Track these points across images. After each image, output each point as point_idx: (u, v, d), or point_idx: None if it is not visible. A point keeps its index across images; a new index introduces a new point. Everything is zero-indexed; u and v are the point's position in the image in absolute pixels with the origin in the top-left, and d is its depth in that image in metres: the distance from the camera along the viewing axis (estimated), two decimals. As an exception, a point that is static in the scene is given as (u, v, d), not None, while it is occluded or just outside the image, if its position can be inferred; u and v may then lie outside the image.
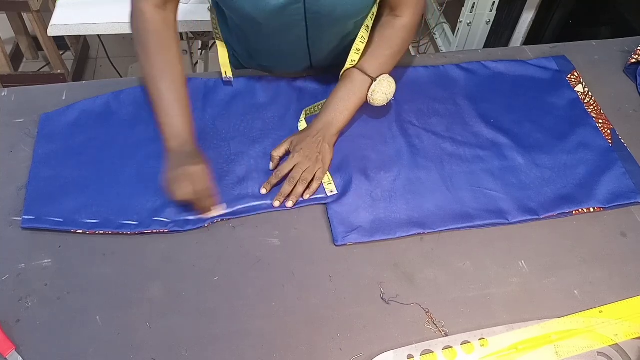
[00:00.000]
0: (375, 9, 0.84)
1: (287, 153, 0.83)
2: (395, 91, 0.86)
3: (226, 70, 0.93)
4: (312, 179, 0.80)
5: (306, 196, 0.79)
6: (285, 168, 0.80)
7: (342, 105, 0.84)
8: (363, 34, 0.85)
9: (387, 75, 0.85)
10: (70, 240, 0.74)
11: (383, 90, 0.84)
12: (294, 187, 0.79)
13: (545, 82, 0.99)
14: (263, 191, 0.80)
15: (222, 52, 0.94)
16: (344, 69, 0.86)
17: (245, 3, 0.76)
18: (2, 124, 0.87)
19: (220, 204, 0.77)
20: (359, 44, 0.85)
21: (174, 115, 0.78)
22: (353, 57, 0.85)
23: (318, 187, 0.81)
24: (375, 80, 0.83)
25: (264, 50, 0.92)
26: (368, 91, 0.84)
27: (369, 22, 0.84)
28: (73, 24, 1.39)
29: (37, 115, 0.87)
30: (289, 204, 0.79)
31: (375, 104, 0.85)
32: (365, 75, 0.84)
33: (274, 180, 0.80)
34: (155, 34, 0.78)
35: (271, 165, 0.83)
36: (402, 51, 0.88)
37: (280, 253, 0.75)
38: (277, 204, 0.79)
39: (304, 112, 0.90)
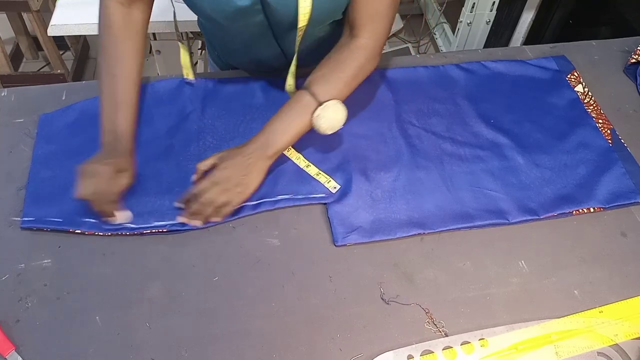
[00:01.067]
0: None
1: (214, 168, 0.77)
2: (346, 120, 0.78)
3: (187, 72, 0.92)
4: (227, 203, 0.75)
5: (214, 220, 0.75)
6: (201, 187, 0.74)
7: (282, 126, 0.77)
8: (294, 61, 0.83)
9: (337, 102, 0.77)
10: (70, 240, 0.74)
11: (328, 117, 0.76)
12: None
13: (545, 82, 0.99)
14: (176, 205, 0.76)
15: (184, 54, 0.92)
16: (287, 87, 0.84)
17: (206, 5, 0.75)
18: (2, 124, 0.87)
19: (124, 212, 0.74)
20: (292, 67, 0.84)
21: (113, 110, 0.77)
22: (289, 81, 0.85)
23: (229, 213, 0.75)
24: (321, 104, 0.76)
25: (238, 51, 0.91)
26: (312, 116, 0.77)
27: (297, 44, 0.80)
28: (73, 24, 1.39)
29: (37, 115, 0.87)
30: (197, 223, 0.74)
31: (320, 131, 0.77)
32: (313, 98, 0.76)
33: (187, 196, 0.75)
34: (111, 29, 0.77)
35: (194, 177, 0.78)
36: (358, 76, 0.79)
37: (280, 253, 0.75)
38: (180, 219, 0.74)
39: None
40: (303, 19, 0.75)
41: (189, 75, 0.92)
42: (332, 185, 0.81)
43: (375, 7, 0.76)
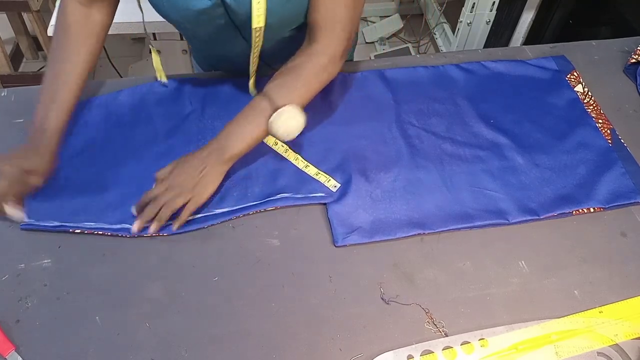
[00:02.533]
0: None
1: None
2: (304, 127, 0.75)
3: (160, 75, 0.91)
4: (183, 208, 0.73)
5: (174, 227, 0.73)
6: (156, 191, 0.73)
7: (238, 131, 0.75)
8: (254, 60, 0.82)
9: (293, 107, 0.74)
10: (70, 240, 0.74)
11: (282, 123, 0.73)
12: (159, 210, 0.72)
13: (545, 82, 0.99)
14: (133, 210, 0.74)
15: (155, 58, 0.91)
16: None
17: (169, 9, 0.74)
18: (2, 124, 0.87)
19: (17, 210, 0.73)
20: (253, 68, 0.83)
21: (47, 108, 0.76)
22: (250, 83, 0.84)
23: (186, 219, 0.73)
24: (278, 108, 0.73)
25: (214, 53, 0.91)
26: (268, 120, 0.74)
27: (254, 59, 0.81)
28: (73, 24, 1.38)
29: (37, 115, 0.87)
30: (152, 228, 0.72)
31: (277, 137, 0.75)
32: (269, 103, 0.74)
33: (142, 202, 0.74)
34: (67, 29, 0.77)
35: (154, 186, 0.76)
36: (314, 83, 0.77)
37: (280, 253, 0.75)
38: (135, 228, 0.72)
39: None
40: (258, 20, 0.73)
41: (162, 77, 0.91)
42: (332, 184, 0.81)
43: (333, 11, 0.74)
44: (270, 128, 0.74)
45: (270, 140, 0.86)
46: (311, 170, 0.83)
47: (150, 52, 0.89)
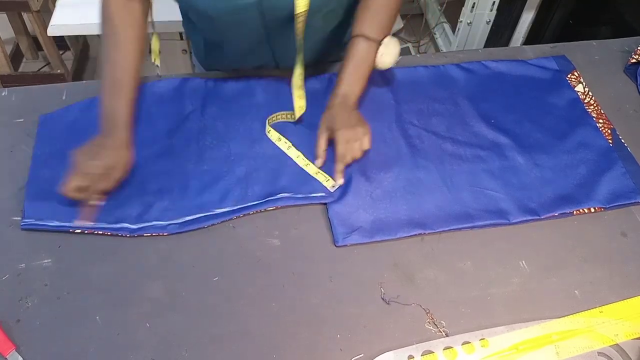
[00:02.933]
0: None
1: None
2: (398, 58, 0.86)
3: (155, 58, 0.92)
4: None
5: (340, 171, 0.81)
6: (342, 149, 0.80)
7: (354, 75, 0.84)
8: (300, 71, 0.86)
9: (391, 37, 0.85)
10: (70, 240, 0.74)
11: (390, 52, 0.84)
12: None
13: (546, 82, 0.99)
14: (340, 181, 0.81)
15: (155, 40, 0.91)
16: (295, 84, 0.86)
17: (201, 2, 0.76)
18: (2, 124, 0.87)
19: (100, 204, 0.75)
20: (301, 57, 0.84)
21: (113, 97, 0.77)
22: (299, 70, 0.86)
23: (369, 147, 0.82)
24: (381, 43, 0.83)
25: (225, 49, 0.91)
26: (376, 55, 0.84)
27: (300, 56, 0.84)
28: (73, 24, 1.39)
29: (37, 115, 0.87)
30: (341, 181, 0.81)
31: (383, 67, 0.86)
32: (370, 40, 0.83)
33: (340, 166, 0.81)
34: (111, 20, 0.78)
35: (319, 162, 0.83)
36: (397, 11, 0.87)
37: (280, 253, 0.75)
38: (341, 181, 0.81)
39: (267, 121, 0.88)
40: (302, 4, 0.76)
41: (156, 60, 0.92)
42: (331, 184, 0.81)
43: None
44: (379, 60, 0.84)
45: (273, 136, 0.86)
46: (311, 169, 0.83)
47: (152, 35, 0.88)
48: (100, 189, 0.74)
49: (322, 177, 0.82)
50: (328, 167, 0.83)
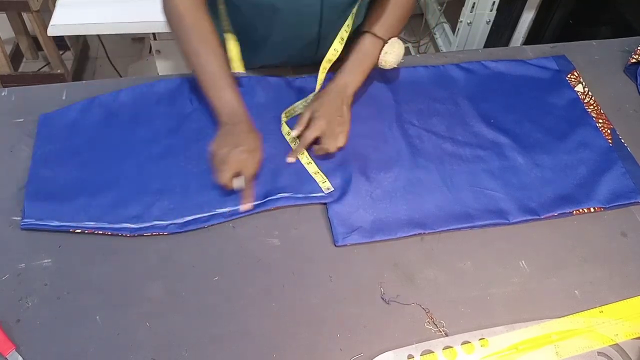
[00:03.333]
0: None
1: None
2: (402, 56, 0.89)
3: (237, 66, 0.88)
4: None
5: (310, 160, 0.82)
6: (310, 135, 0.82)
7: (355, 68, 0.86)
8: (348, 22, 0.86)
9: (397, 39, 0.87)
10: (70, 240, 0.74)
11: (395, 52, 0.86)
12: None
13: (545, 82, 0.99)
14: (289, 159, 0.82)
15: (234, 45, 0.88)
16: (326, 59, 0.87)
17: None
18: (2, 124, 0.87)
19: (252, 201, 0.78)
20: (344, 33, 0.86)
21: (222, 87, 0.80)
22: (336, 46, 0.86)
23: (344, 145, 0.83)
24: (387, 42, 0.86)
25: (273, 43, 0.91)
26: (380, 54, 0.86)
27: (355, 9, 0.85)
28: (73, 24, 1.39)
29: (37, 115, 0.87)
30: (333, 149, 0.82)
31: (387, 67, 0.88)
32: (377, 38, 0.86)
33: (299, 148, 0.83)
34: (188, 16, 0.80)
35: (294, 133, 0.85)
36: (408, 14, 0.90)
37: (280, 253, 0.75)
38: (291, 160, 0.83)
39: (283, 115, 0.89)
40: None
41: (239, 68, 0.89)
42: (326, 187, 0.81)
43: None
44: (382, 59, 0.87)
45: (284, 129, 0.87)
46: (311, 168, 0.83)
47: (226, 40, 0.88)
48: (250, 173, 0.77)
49: (319, 178, 0.82)
50: (329, 167, 0.83)
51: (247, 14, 0.86)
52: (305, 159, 0.84)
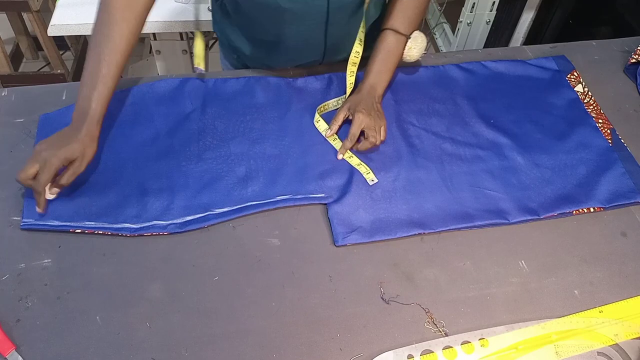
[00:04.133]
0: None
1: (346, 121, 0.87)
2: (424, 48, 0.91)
3: (199, 62, 0.92)
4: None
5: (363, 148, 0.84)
6: (357, 130, 0.84)
7: (383, 66, 0.88)
8: (358, 50, 0.87)
9: (419, 32, 0.90)
10: (70, 240, 0.74)
11: (418, 46, 0.90)
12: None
13: (545, 82, 0.99)
14: (340, 157, 0.84)
15: (199, 43, 0.92)
16: (350, 63, 0.89)
17: None
18: (2, 124, 0.87)
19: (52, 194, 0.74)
20: (361, 35, 0.87)
21: (91, 89, 0.76)
22: (357, 48, 0.88)
23: (385, 138, 0.85)
24: (409, 37, 0.89)
25: (278, 44, 0.91)
26: (404, 49, 0.89)
27: (362, 32, 0.86)
28: (73, 24, 1.39)
29: (37, 115, 0.87)
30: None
31: (411, 60, 0.92)
32: (399, 34, 0.88)
33: (348, 144, 0.84)
34: (109, 8, 0.76)
35: (329, 132, 0.86)
36: (426, 7, 0.91)
37: (280, 253, 0.75)
38: (340, 157, 0.84)
39: (317, 110, 0.90)
40: None
41: (200, 64, 0.91)
42: (371, 178, 0.82)
43: None
44: (407, 54, 0.90)
45: (322, 127, 0.89)
46: (354, 161, 0.84)
47: (193, 37, 0.89)
48: (57, 181, 0.73)
49: (363, 169, 0.83)
50: (329, 167, 0.83)
51: (255, 16, 0.86)
52: (347, 152, 0.85)
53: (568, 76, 1.00)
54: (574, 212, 0.80)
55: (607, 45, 1.09)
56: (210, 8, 0.92)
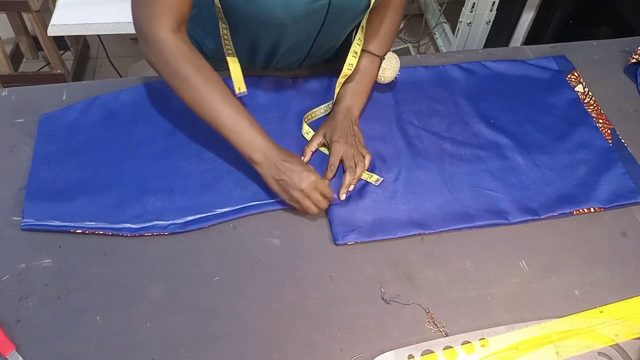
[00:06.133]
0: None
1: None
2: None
3: (240, 86, 0.84)
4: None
5: (353, 184, 0.81)
6: (336, 160, 0.81)
7: (357, 88, 0.87)
8: (359, 36, 0.84)
9: (392, 53, 0.89)
10: (70, 240, 0.74)
11: (392, 67, 0.89)
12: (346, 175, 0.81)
13: (545, 82, 0.99)
14: (342, 197, 0.79)
15: (235, 68, 0.84)
16: (342, 75, 0.85)
17: (276, 7, 0.72)
18: (2, 124, 0.87)
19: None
20: (357, 47, 0.84)
21: (244, 129, 0.74)
22: (351, 60, 0.84)
23: (362, 172, 0.82)
24: (383, 58, 0.88)
25: (267, 53, 0.90)
26: (379, 70, 0.88)
27: (364, 23, 0.84)
28: (73, 24, 1.39)
29: (37, 115, 0.87)
30: (347, 190, 0.80)
31: (385, 81, 0.90)
32: (374, 55, 0.88)
33: (330, 174, 0.81)
34: (185, 57, 0.73)
35: (304, 159, 0.84)
36: (398, 27, 0.91)
37: (280, 253, 0.75)
38: (344, 197, 0.80)
39: (305, 118, 0.89)
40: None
41: (241, 88, 0.84)
42: (375, 180, 0.82)
43: None
44: (381, 75, 0.89)
45: (304, 129, 0.88)
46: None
47: (229, 62, 0.84)
48: (328, 191, 0.76)
49: (365, 176, 0.83)
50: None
51: (251, 28, 0.82)
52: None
53: (568, 76, 1.00)
54: (574, 212, 0.80)
55: (607, 45, 1.09)
56: (220, 23, 0.87)
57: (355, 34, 0.85)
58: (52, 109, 0.88)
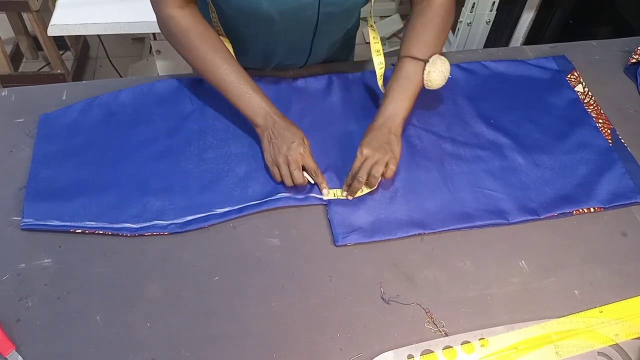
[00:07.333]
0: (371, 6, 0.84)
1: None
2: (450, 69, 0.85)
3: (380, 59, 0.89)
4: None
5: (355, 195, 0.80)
6: (356, 166, 0.79)
7: (400, 95, 0.83)
8: (374, 35, 0.85)
9: (439, 55, 0.83)
10: (70, 240, 0.74)
11: (438, 69, 0.82)
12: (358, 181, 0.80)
13: (545, 82, 0.99)
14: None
15: (228, 46, 0.89)
16: (379, 76, 0.87)
17: (263, 1, 0.76)
18: (2, 124, 0.87)
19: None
20: (376, 45, 0.85)
21: (247, 94, 0.81)
22: (379, 59, 0.86)
23: (393, 174, 0.80)
24: (427, 61, 0.82)
25: (263, 51, 0.91)
26: (423, 74, 0.82)
27: (371, 21, 0.84)
28: (73, 24, 1.38)
29: (37, 115, 0.87)
30: (356, 193, 0.80)
31: (434, 86, 0.83)
32: (416, 59, 0.83)
33: (349, 180, 0.80)
34: (192, 30, 0.81)
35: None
36: (446, 29, 0.86)
37: (280, 253, 0.75)
38: (350, 197, 0.80)
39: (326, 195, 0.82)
40: None
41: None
42: (365, 191, 0.81)
43: None
44: (427, 79, 0.82)
45: None
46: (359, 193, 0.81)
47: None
48: (312, 163, 0.79)
49: (359, 193, 0.80)
50: (329, 168, 0.83)
51: (243, 24, 0.86)
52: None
53: (568, 76, 1.00)
54: (574, 212, 0.80)
55: (607, 45, 1.09)
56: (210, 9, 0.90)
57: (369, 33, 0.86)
58: (52, 109, 0.88)
